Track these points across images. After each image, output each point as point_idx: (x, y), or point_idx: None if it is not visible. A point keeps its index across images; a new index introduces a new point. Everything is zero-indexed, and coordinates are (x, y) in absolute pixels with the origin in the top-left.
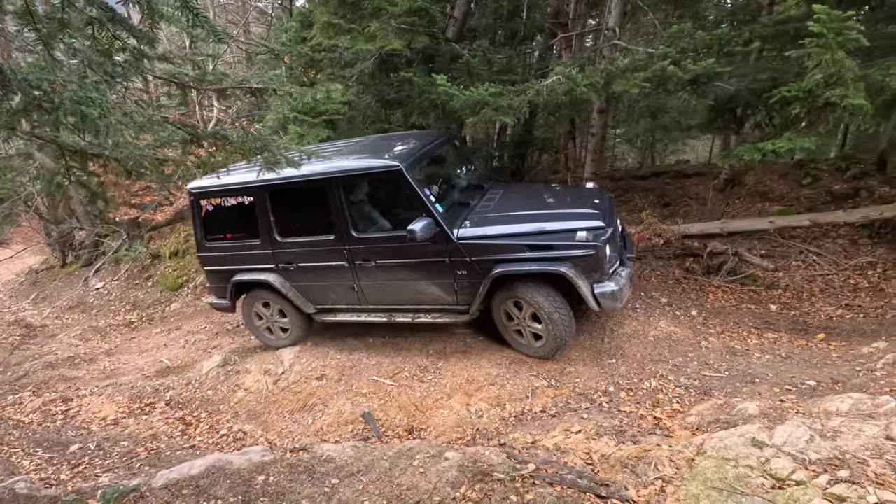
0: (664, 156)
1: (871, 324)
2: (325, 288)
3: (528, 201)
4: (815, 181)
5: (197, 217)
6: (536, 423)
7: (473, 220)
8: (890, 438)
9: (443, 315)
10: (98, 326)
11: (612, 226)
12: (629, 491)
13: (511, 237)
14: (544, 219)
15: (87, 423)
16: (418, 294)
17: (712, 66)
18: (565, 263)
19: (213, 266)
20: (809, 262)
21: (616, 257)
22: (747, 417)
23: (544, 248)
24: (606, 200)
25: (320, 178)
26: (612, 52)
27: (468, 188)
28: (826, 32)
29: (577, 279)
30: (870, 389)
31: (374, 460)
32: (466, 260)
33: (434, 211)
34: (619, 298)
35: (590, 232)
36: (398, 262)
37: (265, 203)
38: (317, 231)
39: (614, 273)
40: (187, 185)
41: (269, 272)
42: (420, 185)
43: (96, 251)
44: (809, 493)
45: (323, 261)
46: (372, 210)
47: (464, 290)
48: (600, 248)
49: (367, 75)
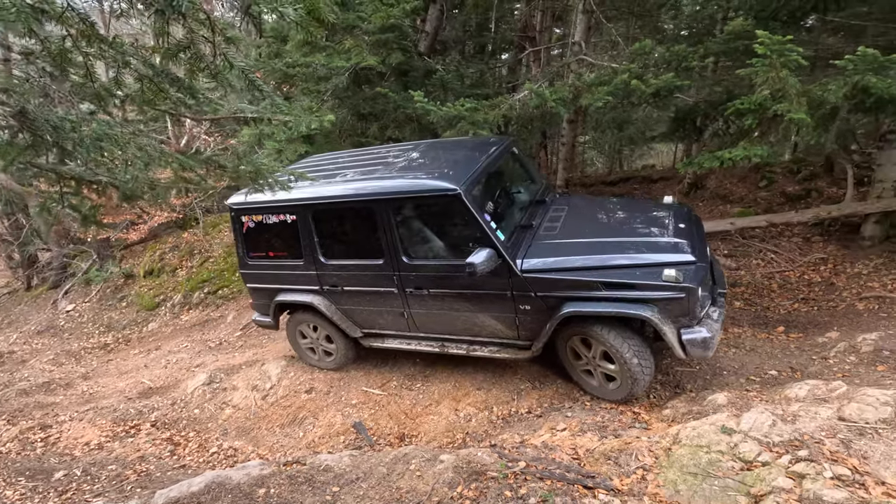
0: (632, 161)
1: (824, 315)
2: (372, 313)
3: (600, 223)
4: (771, 184)
5: (238, 233)
6: (523, 423)
7: (538, 248)
8: (842, 419)
9: (501, 350)
10: (71, 350)
11: (705, 259)
12: (613, 481)
13: (583, 272)
14: (622, 249)
15: (69, 449)
16: (475, 326)
17: (672, 79)
18: (649, 307)
19: (255, 284)
20: (768, 260)
21: (707, 297)
22: (717, 407)
23: (624, 288)
24: (693, 223)
25: (368, 199)
26: (580, 67)
27: (530, 205)
28: (770, 53)
29: (663, 325)
30: (824, 376)
31: (372, 467)
32: (531, 294)
33: (496, 240)
34: (710, 346)
35: (679, 269)
36: (454, 293)
37: (308, 222)
38: (364, 254)
39: (705, 316)
40: (228, 200)
41: (312, 294)
42: (480, 211)
43: (64, 273)
44: (774, 472)
45: (370, 286)
46: (425, 235)
47: (526, 325)
48: (693, 289)
49: (342, 89)
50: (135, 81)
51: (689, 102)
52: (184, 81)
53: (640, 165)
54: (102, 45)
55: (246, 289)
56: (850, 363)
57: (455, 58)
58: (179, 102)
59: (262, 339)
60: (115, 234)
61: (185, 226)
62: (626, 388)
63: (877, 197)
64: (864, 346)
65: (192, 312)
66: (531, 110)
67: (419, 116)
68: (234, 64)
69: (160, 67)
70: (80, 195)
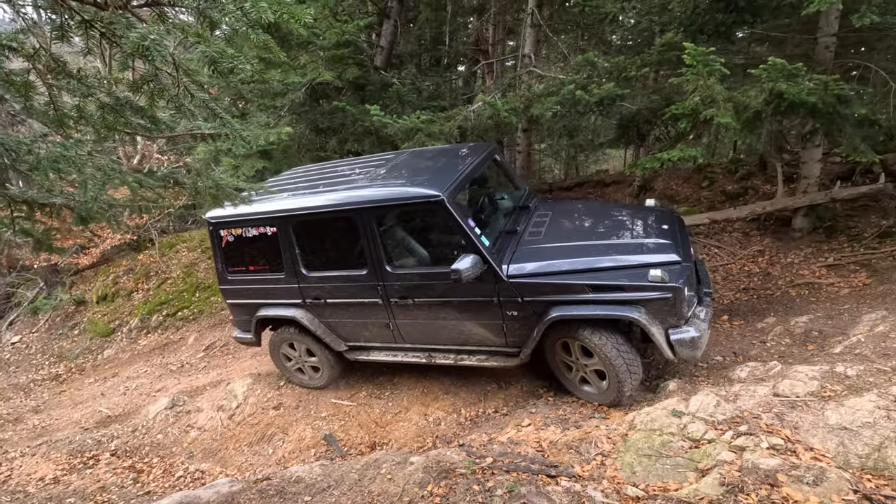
0: (586, 166)
1: (762, 303)
2: (357, 325)
3: (584, 227)
4: (712, 184)
5: (217, 248)
6: (491, 423)
7: (524, 253)
8: (777, 395)
9: (490, 358)
10: (19, 384)
11: (690, 259)
12: (575, 468)
13: (569, 275)
14: (607, 251)
15: (21, 486)
16: (462, 335)
17: (613, 89)
18: (637, 308)
19: (235, 299)
20: (713, 254)
21: (694, 296)
22: (668, 393)
23: (611, 290)
24: (676, 224)
25: (349, 209)
26: (530, 78)
27: (514, 211)
28: (696, 63)
29: (651, 326)
30: (762, 358)
31: (343, 474)
32: (518, 300)
33: (480, 246)
34: (698, 346)
35: (664, 269)
36: (439, 301)
37: (289, 234)
38: (347, 265)
39: (692, 316)
40: (206, 214)
41: (295, 307)
42: (464, 217)
43: (8, 303)
44: (718, 447)
45: (354, 297)
46: (409, 243)
47: (514, 332)
48: (679, 289)
49: (299, 104)
50: (96, 109)
51: (632, 110)
52: (146, 110)
53: (594, 170)
54: (70, 78)
55: (226, 306)
56: (785, 345)
57: (411, 71)
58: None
59: (226, 359)
60: (65, 260)
61: (140, 248)
62: (614, 390)
63: (803, 192)
64: (796, 328)
65: (151, 336)
66: (486, 121)
67: (377, 129)
68: (195, 95)
69: (123, 98)
70: (33, 219)
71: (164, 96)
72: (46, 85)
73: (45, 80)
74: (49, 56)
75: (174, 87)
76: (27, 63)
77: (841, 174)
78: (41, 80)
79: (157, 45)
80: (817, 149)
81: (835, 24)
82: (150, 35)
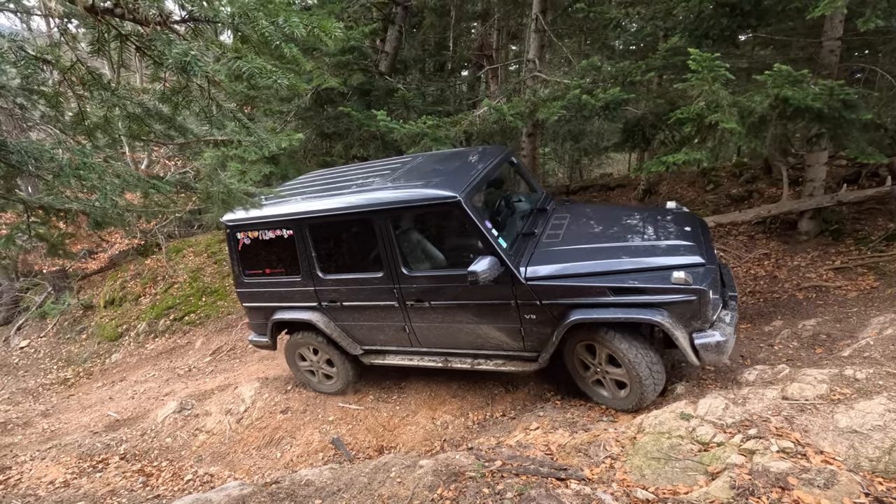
0: (590, 170)
1: (769, 306)
2: (373, 328)
3: (603, 229)
4: (717, 187)
5: (234, 251)
6: (498, 426)
7: (542, 255)
8: (786, 398)
9: (507, 363)
10: (28, 388)
11: (714, 261)
12: (584, 471)
13: (589, 277)
14: (628, 253)
15: (32, 490)
16: (479, 338)
17: (618, 93)
18: (660, 311)
19: (252, 302)
20: (718, 258)
21: (718, 300)
22: (676, 396)
23: (632, 292)
24: (699, 226)
25: (366, 211)
26: (535, 83)
27: (531, 213)
28: (701, 69)
29: (675, 329)
30: (770, 361)
31: (353, 478)
32: (536, 303)
33: (497, 247)
34: (724, 351)
35: (688, 271)
36: (456, 304)
37: (305, 237)
38: (363, 268)
39: (717, 319)
40: (223, 217)
41: (311, 310)
42: (481, 218)
43: (16, 308)
44: (727, 450)
45: (370, 300)
46: (425, 245)
47: (532, 335)
48: (703, 291)
49: (305, 110)
50: (123, 118)
51: (637, 114)
52: (174, 121)
53: (599, 174)
54: (104, 90)
55: (240, 309)
56: (793, 348)
57: (416, 76)
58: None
59: (233, 364)
60: (73, 265)
61: (147, 252)
62: (637, 395)
63: (809, 195)
64: (804, 331)
65: (158, 340)
66: (491, 125)
67: (383, 134)
68: (223, 105)
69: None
70: (49, 224)
71: (192, 107)
72: (76, 96)
73: (75, 91)
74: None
75: (203, 98)
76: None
77: (847, 177)
78: (71, 91)
79: (197, 60)
80: (823, 152)
81: (839, 28)
82: (192, 51)
